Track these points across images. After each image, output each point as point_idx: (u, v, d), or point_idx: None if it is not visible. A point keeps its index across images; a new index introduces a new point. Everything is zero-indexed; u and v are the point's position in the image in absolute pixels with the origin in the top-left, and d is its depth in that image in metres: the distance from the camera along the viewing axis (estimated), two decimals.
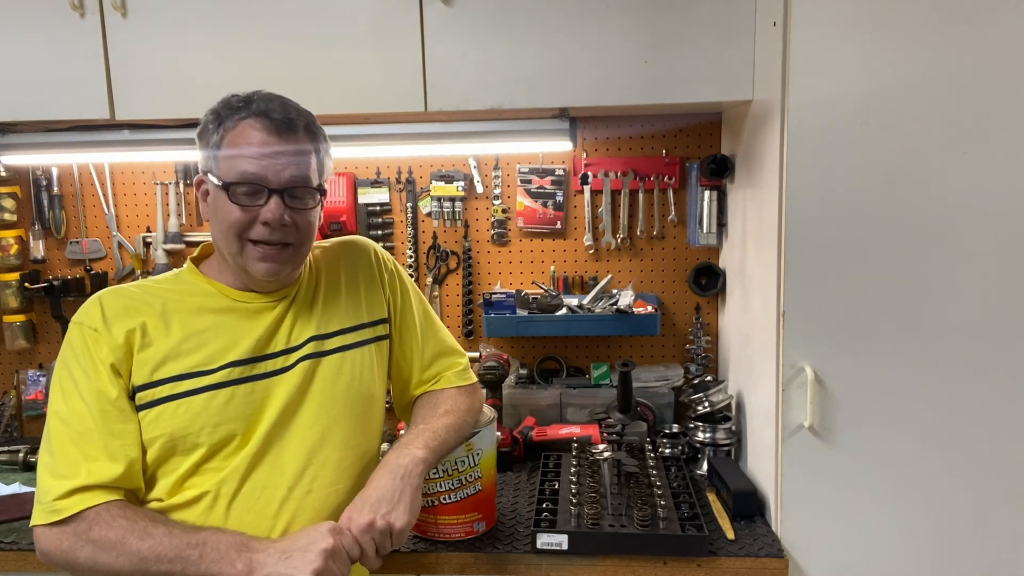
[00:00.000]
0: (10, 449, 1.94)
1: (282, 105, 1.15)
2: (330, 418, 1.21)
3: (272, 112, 1.13)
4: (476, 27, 1.61)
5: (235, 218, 1.13)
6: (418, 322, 1.39)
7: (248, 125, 1.13)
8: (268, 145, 1.12)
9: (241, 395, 1.15)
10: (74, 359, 1.13)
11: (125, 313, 1.15)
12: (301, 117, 1.16)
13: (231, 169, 1.12)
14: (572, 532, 1.43)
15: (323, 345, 1.23)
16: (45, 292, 2.09)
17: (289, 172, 1.13)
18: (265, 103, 1.14)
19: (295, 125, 1.14)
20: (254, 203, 1.13)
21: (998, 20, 1.36)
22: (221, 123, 1.15)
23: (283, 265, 1.17)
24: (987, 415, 1.44)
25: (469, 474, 1.46)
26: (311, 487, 1.18)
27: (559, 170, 2.05)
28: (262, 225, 1.13)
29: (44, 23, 1.66)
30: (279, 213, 1.13)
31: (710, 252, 2.05)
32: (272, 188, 1.13)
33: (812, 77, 1.40)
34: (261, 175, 1.12)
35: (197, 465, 1.14)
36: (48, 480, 1.07)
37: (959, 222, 1.41)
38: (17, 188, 2.11)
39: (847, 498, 1.47)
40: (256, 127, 1.12)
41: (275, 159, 1.12)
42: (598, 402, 1.99)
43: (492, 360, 1.89)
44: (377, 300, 1.34)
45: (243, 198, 1.13)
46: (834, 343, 1.45)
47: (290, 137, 1.14)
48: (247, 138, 1.12)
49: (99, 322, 1.14)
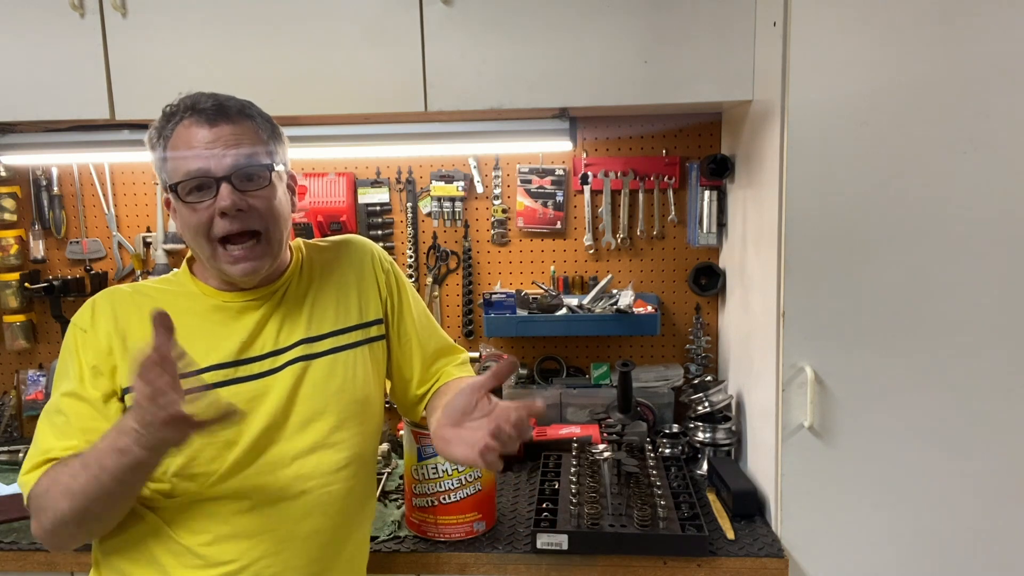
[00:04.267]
0: (10, 449, 1.94)
1: (212, 96, 1.14)
2: (323, 421, 1.20)
3: (200, 103, 1.12)
4: (476, 27, 1.61)
5: (195, 220, 1.11)
6: (417, 321, 1.38)
7: (183, 126, 1.12)
8: (204, 137, 1.11)
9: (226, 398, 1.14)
10: (67, 358, 1.15)
11: (113, 315, 1.15)
12: (232, 102, 1.15)
13: (176, 171, 1.12)
14: (572, 532, 1.43)
15: (313, 348, 1.22)
16: (45, 292, 2.09)
17: (231, 156, 1.10)
18: (193, 100, 1.13)
19: (227, 110, 1.13)
20: (206, 198, 1.10)
21: (998, 20, 1.36)
22: (160, 135, 1.14)
23: (258, 261, 1.15)
24: (987, 415, 1.44)
25: (469, 474, 1.46)
26: (304, 488, 1.17)
27: (559, 170, 2.05)
28: (220, 217, 1.10)
29: (44, 23, 1.66)
30: (231, 199, 1.09)
31: (710, 252, 2.05)
32: (218, 176, 1.10)
33: (812, 77, 1.40)
34: (204, 167, 1.10)
35: (184, 468, 1.13)
36: (26, 462, 1.11)
37: (959, 222, 1.41)
38: (17, 188, 2.11)
39: (847, 498, 1.47)
40: (189, 124, 1.11)
41: (213, 147, 1.10)
42: (598, 402, 1.99)
43: (492, 360, 1.89)
44: (372, 301, 1.32)
45: (194, 195, 1.11)
46: (834, 343, 1.45)
47: (224, 123, 1.12)
48: (184, 137, 1.11)
49: (88, 323, 1.15)
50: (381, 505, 1.65)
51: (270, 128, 1.19)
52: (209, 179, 1.10)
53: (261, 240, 1.14)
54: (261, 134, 1.16)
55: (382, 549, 1.46)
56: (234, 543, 1.13)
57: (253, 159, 1.13)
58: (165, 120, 1.14)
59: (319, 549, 1.19)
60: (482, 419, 1.03)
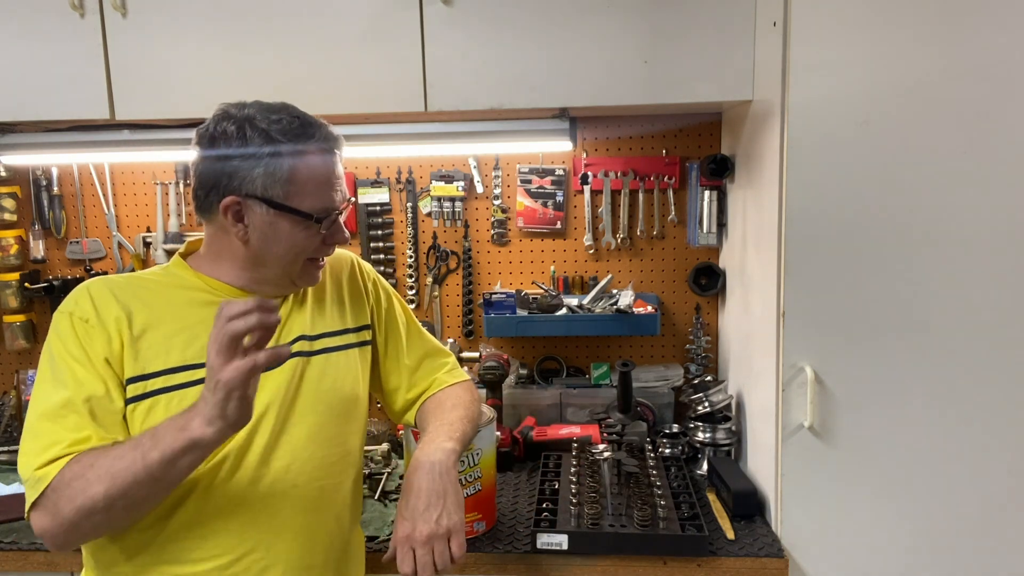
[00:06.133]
0: (10, 449, 1.94)
1: (320, 123, 1.19)
2: (315, 416, 1.22)
3: (329, 139, 1.18)
4: (476, 27, 1.61)
5: (307, 244, 1.18)
6: (402, 328, 1.41)
7: (320, 154, 1.16)
8: (331, 168, 1.18)
9: None
10: (63, 349, 1.10)
11: (116, 304, 1.13)
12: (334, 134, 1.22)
13: (316, 201, 1.16)
14: (572, 532, 1.43)
15: (310, 346, 1.25)
16: (45, 292, 2.09)
17: (342, 193, 1.21)
18: (320, 130, 1.17)
19: (340, 144, 1.21)
20: (323, 226, 1.19)
21: (998, 20, 1.36)
22: (276, 147, 1.13)
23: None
24: (987, 415, 1.44)
25: (469, 474, 1.46)
26: (296, 482, 1.18)
27: (559, 170, 2.05)
28: (326, 245, 1.21)
29: (44, 23, 1.66)
30: (347, 234, 1.23)
31: (710, 252, 2.05)
32: (338, 211, 1.20)
33: (812, 77, 1.40)
34: (338, 201, 1.20)
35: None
36: (29, 457, 1.04)
37: (959, 222, 1.41)
38: (17, 188, 2.11)
39: (847, 498, 1.47)
40: (326, 159, 1.17)
41: (340, 182, 1.20)
42: (598, 402, 1.99)
43: (492, 360, 1.89)
44: (361, 308, 1.36)
45: (321, 223, 1.18)
46: (834, 343, 1.45)
47: (336, 154, 1.20)
48: (323, 167, 1.17)
49: (90, 312, 1.11)
50: (381, 505, 1.66)
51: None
52: (336, 213, 1.20)
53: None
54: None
55: (382, 549, 1.46)
56: (224, 537, 1.13)
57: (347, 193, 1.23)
58: (286, 136, 1.13)
59: (310, 543, 1.20)
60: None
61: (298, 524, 1.18)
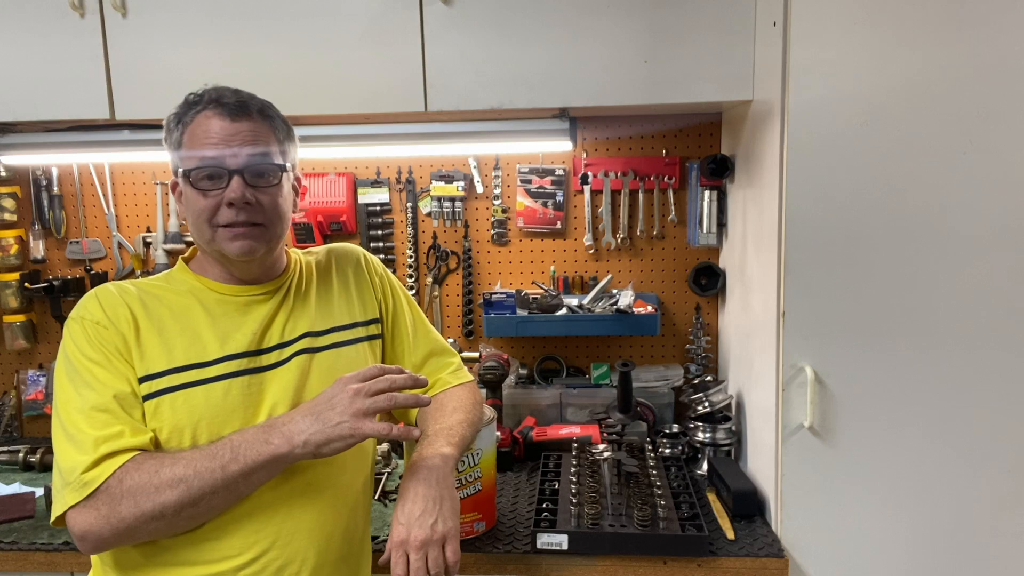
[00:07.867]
0: (10, 449, 1.94)
1: (235, 92, 1.19)
2: None
3: (224, 98, 1.17)
4: (476, 27, 1.61)
5: (202, 205, 1.16)
6: (409, 324, 1.41)
7: (204, 116, 1.17)
8: (223, 130, 1.16)
9: (238, 388, 1.16)
10: (80, 354, 1.12)
11: (123, 306, 1.16)
12: (255, 102, 1.20)
13: (191, 158, 1.17)
14: (572, 532, 1.43)
15: (317, 341, 1.25)
16: (45, 292, 2.09)
17: (246, 152, 1.16)
18: (217, 93, 1.18)
19: (248, 108, 1.18)
20: (216, 187, 1.15)
21: (998, 20, 1.36)
22: (180, 121, 1.19)
23: (256, 242, 1.18)
24: (987, 415, 1.44)
25: (469, 474, 1.46)
26: (309, 479, 1.18)
27: (559, 170, 2.05)
28: (227, 207, 1.15)
29: (44, 23, 1.66)
30: (240, 192, 1.15)
31: (710, 252, 2.05)
32: (232, 169, 1.15)
33: (812, 77, 1.40)
34: (219, 158, 1.15)
35: None
36: (72, 459, 1.05)
37: (959, 222, 1.41)
38: (17, 188, 2.11)
39: (847, 498, 1.47)
40: (211, 115, 1.16)
41: (231, 141, 1.16)
42: (598, 402, 1.99)
43: (492, 360, 1.89)
44: (369, 301, 1.36)
45: (205, 183, 1.15)
46: (834, 343, 1.45)
47: (244, 119, 1.17)
48: (204, 127, 1.16)
49: (101, 315, 1.14)
50: (381, 505, 1.66)
51: (286, 130, 1.24)
52: (222, 170, 1.15)
53: (259, 229, 1.19)
54: (278, 135, 1.21)
55: (381, 549, 1.45)
56: (241, 536, 1.13)
57: (267, 158, 1.18)
58: (187, 107, 1.18)
59: (326, 541, 1.20)
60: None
61: (314, 522, 1.18)
